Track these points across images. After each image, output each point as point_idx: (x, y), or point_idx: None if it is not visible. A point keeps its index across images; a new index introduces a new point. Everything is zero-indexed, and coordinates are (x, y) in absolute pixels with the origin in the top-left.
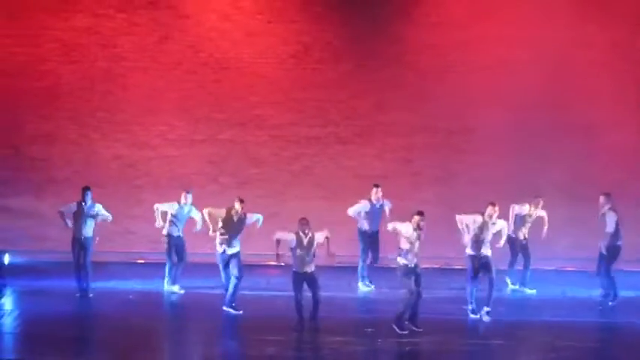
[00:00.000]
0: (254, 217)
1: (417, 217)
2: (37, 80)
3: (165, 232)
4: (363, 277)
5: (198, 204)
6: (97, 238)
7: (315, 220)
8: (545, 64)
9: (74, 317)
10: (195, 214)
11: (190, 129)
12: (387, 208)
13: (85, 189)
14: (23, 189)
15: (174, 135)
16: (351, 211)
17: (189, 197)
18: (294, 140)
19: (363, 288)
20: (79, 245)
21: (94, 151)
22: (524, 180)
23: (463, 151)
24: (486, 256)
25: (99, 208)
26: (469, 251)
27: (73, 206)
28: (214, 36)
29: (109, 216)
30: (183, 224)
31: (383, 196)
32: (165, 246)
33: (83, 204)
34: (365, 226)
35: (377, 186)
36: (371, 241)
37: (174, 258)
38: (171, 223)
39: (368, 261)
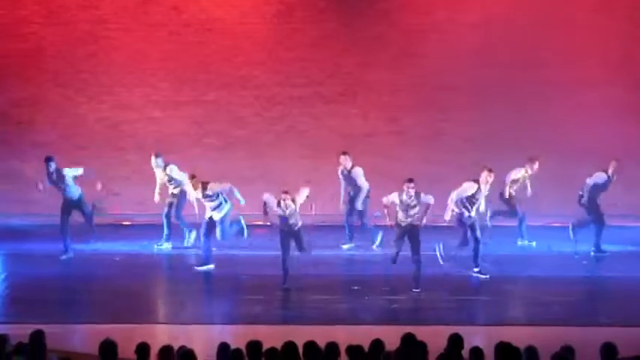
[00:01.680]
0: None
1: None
2: (20, 43)
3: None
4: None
5: (183, 166)
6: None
7: (300, 180)
8: (529, 22)
9: (60, 280)
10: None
11: (174, 90)
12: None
13: (46, 159)
14: (7, 153)
15: (158, 96)
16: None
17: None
18: (278, 100)
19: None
20: (69, 207)
21: (78, 114)
22: (509, 137)
23: (448, 109)
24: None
25: (67, 171)
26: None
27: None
28: None
29: (78, 170)
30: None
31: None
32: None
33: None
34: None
35: (344, 153)
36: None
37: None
38: None
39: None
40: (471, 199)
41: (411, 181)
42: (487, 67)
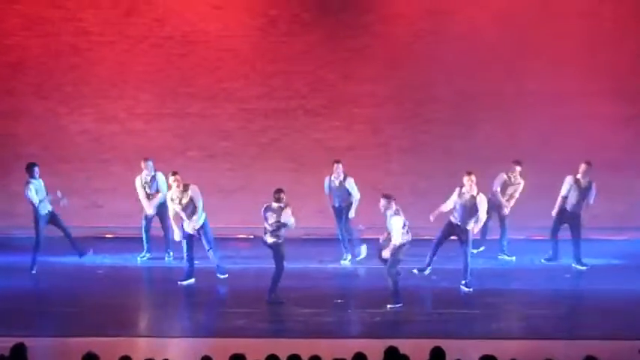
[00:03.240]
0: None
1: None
2: (1, 55)
3: None
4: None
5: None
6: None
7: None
8: (514, 33)
9: (43, 293)
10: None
11: (157, 103)
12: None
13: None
14: None
15: (140, 109)
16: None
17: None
18: (262, 113)
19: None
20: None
21: (61, 126)
22: (493, 149)
23: (432, 121)
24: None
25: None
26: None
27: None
28: (180, 9)
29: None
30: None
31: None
32: None
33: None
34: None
35: (337, 162)
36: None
37: None
38: None
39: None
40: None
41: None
42: (471, 78)
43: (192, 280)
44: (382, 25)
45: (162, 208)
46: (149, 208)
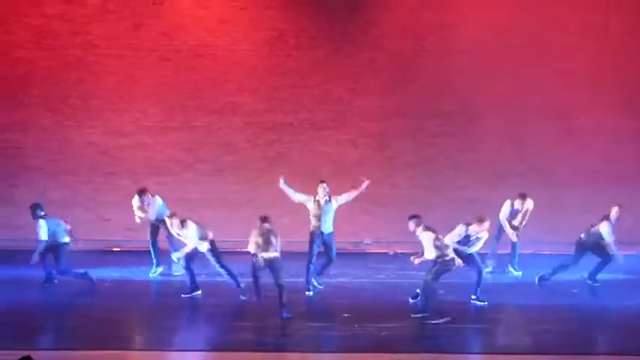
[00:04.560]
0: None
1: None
2: (10, 67)
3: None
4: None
5: (172, 191)
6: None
7: (290, 207)
8: (520, 47)
9: (49, 306)
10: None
11: (165, 116)
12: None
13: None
14: None
15: (148, 122)
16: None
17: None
18: (269, 127)
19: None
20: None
21: (68, 139)
22: (500, 163)
23: (438, 135)
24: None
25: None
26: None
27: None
28: (188, 23)
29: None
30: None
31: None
32: None
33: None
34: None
35: (322, 182)
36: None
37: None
38: None
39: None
40: (466, 240)
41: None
42: (478, 92)
43: (198, 292)
44: (389, 40)
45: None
46: (152, 215)
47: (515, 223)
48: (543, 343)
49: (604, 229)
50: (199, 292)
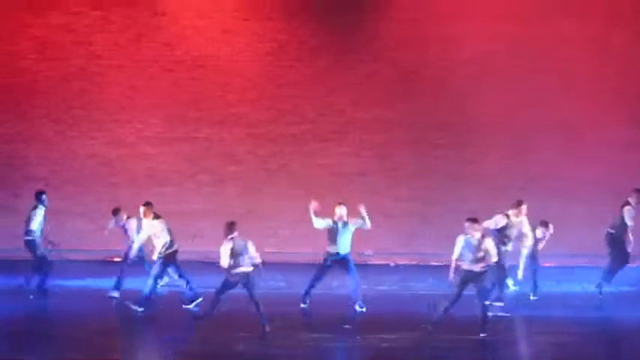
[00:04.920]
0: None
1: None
2: (13, 78)
3: None
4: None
5: (174, 202)
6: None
7: (292, 218)
8: (522, 60)
9: (51, 315)
10: None
11: (167, 127)
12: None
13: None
14: (0, 187)
15: (150, 133)
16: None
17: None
18: (271, 138)
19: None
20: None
21: (70, 149)
22: (502, 175)
23: (440, 147)
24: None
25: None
26: None
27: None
28: (190, 34)
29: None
30: None
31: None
32: None
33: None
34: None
35: (341, 204)
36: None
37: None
38: None
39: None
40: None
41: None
42: (480, 105)
43: (199, 300)
44: (391, 51)
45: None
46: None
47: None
48: (545, 354)
49: (627, 212)
50: (200, 299)
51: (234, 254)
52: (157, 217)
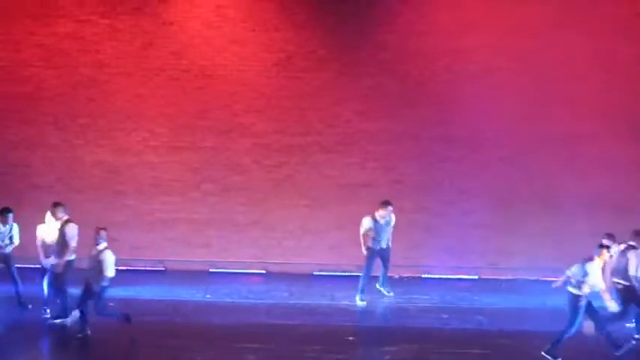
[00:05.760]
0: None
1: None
2: (19, 85)
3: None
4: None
5: (179, 211)
6: None
7: (298, 229)
8: (528, 74)
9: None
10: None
11: (173, 136)
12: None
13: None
14: (4, 195)
15: (156, 142)
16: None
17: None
18: (277, 148)
19: (360, 302)
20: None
21: (76, 157)
22: (506, 188)
23: (445, 159)
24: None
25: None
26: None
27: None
28: (198, 43)
29: (15, 241)
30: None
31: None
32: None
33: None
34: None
35: (389, 203)
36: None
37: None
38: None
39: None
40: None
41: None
42: (485, 118)
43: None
44: (398, 63)
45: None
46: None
47: None
48: None
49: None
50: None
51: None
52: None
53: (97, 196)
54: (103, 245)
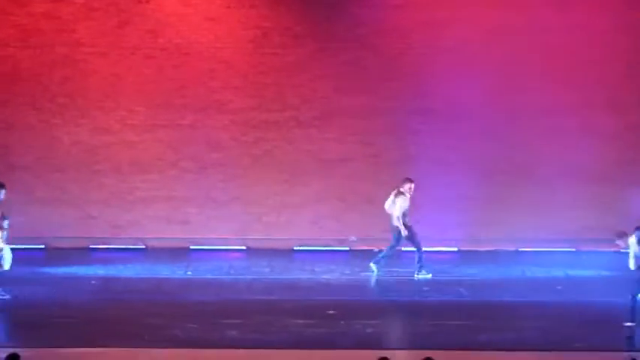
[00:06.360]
0: None
1: None
2: None
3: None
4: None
5: (159, 189)
6: None
7: (277, 204)
8: (504, 47)
9: (36, 303)
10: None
11: (150, 114)
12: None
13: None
14: None
15: (134, 120)
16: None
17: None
18: (255, 124)
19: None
20: None
21: (54, 137)
22: (485, 161)
23: (422, 133)
24: None
25: None
26: None
27: None
28: (174, 21)
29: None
30: None
31: None
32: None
33: None
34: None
35: (412, 181)
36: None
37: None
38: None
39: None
40: None
41: None
42: (463, 91)
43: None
44: (374, 38)
45: None
46: None
47: None
48: (526, 339)
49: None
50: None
51: None
52: None
53: (77, 175)
54: None
